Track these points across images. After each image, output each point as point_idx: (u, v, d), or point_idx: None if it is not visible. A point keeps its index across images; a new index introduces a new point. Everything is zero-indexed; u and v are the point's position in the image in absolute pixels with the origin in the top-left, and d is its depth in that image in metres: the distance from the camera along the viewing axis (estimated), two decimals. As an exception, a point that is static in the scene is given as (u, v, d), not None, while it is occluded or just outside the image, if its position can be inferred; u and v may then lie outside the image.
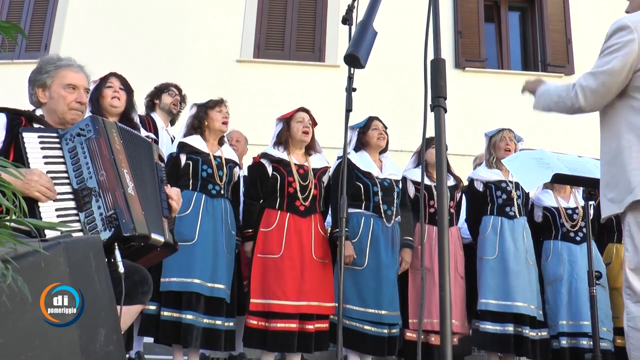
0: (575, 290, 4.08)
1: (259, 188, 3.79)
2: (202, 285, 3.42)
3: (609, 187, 2.35)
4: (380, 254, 3.76)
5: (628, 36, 2.26)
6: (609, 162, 2.36)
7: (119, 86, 3.61)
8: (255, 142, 4.98)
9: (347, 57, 1.80)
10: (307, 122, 3.86)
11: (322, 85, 7.87)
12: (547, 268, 4.26)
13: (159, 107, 4.27)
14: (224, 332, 3.50)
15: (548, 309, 4.17)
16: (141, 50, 7.93)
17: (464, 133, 6.43)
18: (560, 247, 4.25)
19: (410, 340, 3.91)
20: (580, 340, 4.00)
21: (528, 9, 9.32)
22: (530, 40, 9.17)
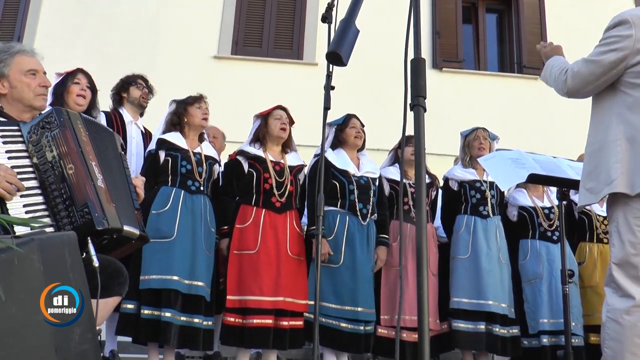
0: (556, 289, 4.12)
1: (234, 185, 3.78)
2: (180, 282, 3.38)
3: (589, 177, 2.39)
4: (356, 252, 3.77)
5: (626, 31, 2.29)
6: (593, 153, 2.39)
7: (86, 84, 3.56)
8: (233, 139, 4.95)
9: (329, 54, 1.80)
10: (284, 119, 3.87)
11: (300, 83, 7.86)
12: (526, 267, 4.30)
13: (128, 100, 4.18)
14: (203, 331, 3.46)
15: (527, 307, 4.21)
16: (117, 45, 7.84)
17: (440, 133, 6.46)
18: (538, 246, 4.29)
19: (382, 336, 3.92)
20: (561, 338, 4.04)
21: (505, 11, 9.42)
22: (507, 42, 9.27)
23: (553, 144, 6.99)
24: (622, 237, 2.30)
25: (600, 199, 2.34)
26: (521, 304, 4.24)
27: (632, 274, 2.27)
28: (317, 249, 2.66)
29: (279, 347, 3.59)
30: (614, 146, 2.29)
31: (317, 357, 2.52)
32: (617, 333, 2.25)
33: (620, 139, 2.28)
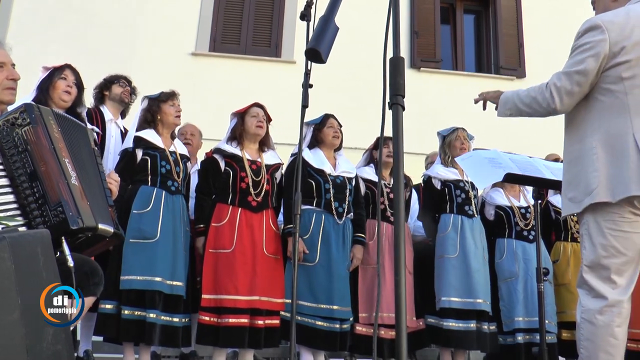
0: (531, 288, 4.19)
1: (210, 183, 3.76)
2: (163, 283, 3.38)
3: (570, 187, 2.41)
4: (332, 250, 3.78)
5: (599, 36, 2.27)
6: (572, 162, 2.41)
7: (73, 80, 3.52)
8: (210, 136, 4.92)
9: (308, 51, 1.79)
10: (261, 116, 3.85)
11: (278, 81, 7.84)
12: (502, 266, 4.35)
13: (109, 98, 4.15)
14: (181, 328, 3.48)
15: (503, 305, 4.27)
16: (94, 40, 7.73)
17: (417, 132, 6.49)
18: (515, 246, 4.35)
19: (360, 334, 3.94)
20: (535, 336, 4.11)
21: (483, 12, 9.50)
22: (484, 43, 9.36)
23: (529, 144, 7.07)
24: (593, 240, 2.33)
25: (581, 209, 2.34)
26: (496, 301, 4.28)
27: (603, 275, 2.31)
28: (294, 247, 2.66)
29: (254, 347, 3.58)
30: (590, 154, 2.30)
31: (294, 356, 2.52)
32: (591, 333, 2.29)
33: (596, 147, 2.29)
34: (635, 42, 2.23)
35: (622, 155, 2.22)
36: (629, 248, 2.28)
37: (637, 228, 2.28)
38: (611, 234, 2.28)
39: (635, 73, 2.23)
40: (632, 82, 2.24)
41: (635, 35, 2.23)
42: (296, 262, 2.63)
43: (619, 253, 2.28)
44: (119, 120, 4.19)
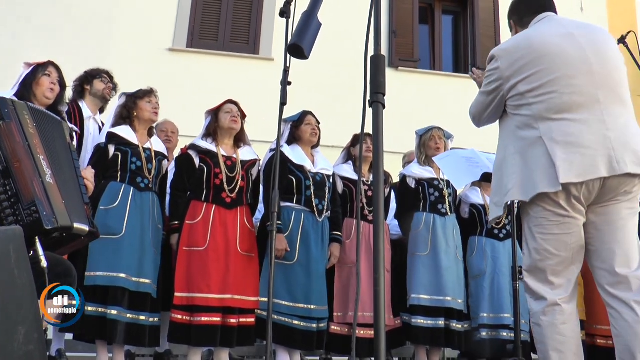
0: (497, 285, 4.25)
1: (185, 180, 3.74)
2: (127, 280, 3.35)
3: (495, 192, 2.58)
4: (311, 249, 3.77)
5: (494, 65, 2.57)
6: (497, 169, 2.58)
7: (57, 78, 3.48)
8: (187, 133, 4.86)
9: (290, 47, 1.78)
10: (235, 112, 3.83)
11: (255, 78, 7.80)
12: (472, 263, 4.41)
13: (90, 93, 4.10)
14: (148, 327, 3.44)
15: (471, 302, 4.33)
16: (69, 34, 7.60)
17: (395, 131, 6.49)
18: (484, 243, 4.39)
19: (335, 333, 3.94)
20: (500, 332, 4.18)
21: (461, 13, 9.56)
22: (462, 44, 9.42)
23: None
24: (529, 245, 2.48)
25: (503, 211, 2.51)
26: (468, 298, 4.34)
27: (541, 277, 2.44)
28: (271, 245, 2.65)
29: (226, 345, 3.57)
30: (510, 160, 2.47)
31: (270, 355, 2.51)
32: (540, 335, 2.41)
33: (514, 154, 2.45)
34: (526, 62, 2.46)
35: (535, 159, 2.37)
36: (561, 249, 2.40)
37: (565, 229, 2.38)
38: (541, 237, 2.41)
39: (534, 86, 2.42)
40: (533, 93, 2.42)
41: (526, 57, 2.46)
42: (273, 260, 2.61)
43: (551, 255, 2.40)
44: (97, 116, 4.14)
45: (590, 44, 2.46)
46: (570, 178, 2.27)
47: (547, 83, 2.40)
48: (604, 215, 2.39)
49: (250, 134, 4.00)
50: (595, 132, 2.33)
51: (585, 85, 2.39)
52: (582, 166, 2.28)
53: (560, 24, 2.55)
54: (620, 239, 2.38)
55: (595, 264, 2.43)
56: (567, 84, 2.38)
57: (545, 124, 2.37)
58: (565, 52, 2.43)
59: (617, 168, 2.28)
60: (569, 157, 2.29)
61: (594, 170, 2.28)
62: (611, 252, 2.37)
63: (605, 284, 2.38)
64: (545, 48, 2.44)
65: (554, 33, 2.50)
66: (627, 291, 2.31)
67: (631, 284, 2.31)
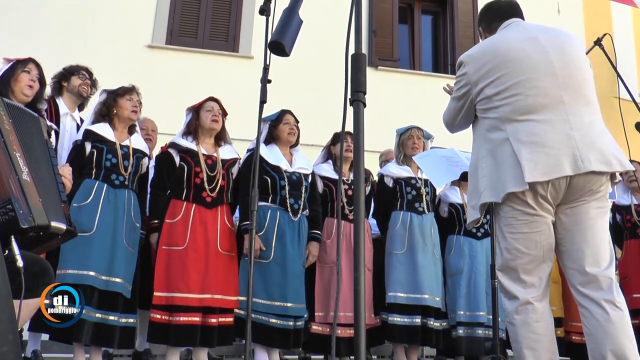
0: (474, 283, 4.29)
1: (165, 178, 3.70)
2: (96, 278, 3.29)
3: (471, 196, 2.62)
4: (286, 247, 3.76)
5: (462, 70, 2.64)
6: (472, 173, 2.63)
7: (36, 75, 3.42)
8: (166, 131, 4.82)
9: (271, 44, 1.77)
10: (216, 111, 3.81)
11: (235, 76, 7.76)
12: (449, 261, 4.44)
13: (67, 89, 4.04)
14: (119, 328, 3.37)
15: (448, 300, 4.36)
16: (46, 29, 7.49)
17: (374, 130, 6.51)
18: (462, 242, 4.42)
19: (316, 333, 3.94)
20: (476, 330, 4.21)
21: (440, 14, 9.61)
22: (441, 44, 9.47)
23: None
24: (500, 245, 2.53)
25: (480, 214, 2.55)
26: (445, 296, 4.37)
27: (513, 276, 2.48)
28: (250, 244, 2.63)
29: (206, 345, 3.54)
30: (481, 163, 2.53)
31: (249, 354, 2.49)
32: (514, 334, 2.45)
33: (485, 156, 2.52)
34: (492, 66, 2.52)
35: (503, 160, 2.42)
36: (531, 248, 2.44)
37: (534, 228, 2.43)
38: (511, 237, 2.46)
39: (500, 89, 2.48)
40: (499, 96, 2.49)
41: (491, 62, 2.53)
42: (252, 259, 2.60)
43: (522, 254, 2.45)
44: (75, 113, 4.08)
45: (554, 47, 2.52)
46: (536, 177, 2.32)
47: (512, 86, 2.46)
48: (573, 215, 2.44)
49: (230, 132, 3.97)
50: (559, 132, 2.38)
51: (549, 87, 2.44)
52: (547, 165, 2.33)
53: (525, 29, 2.62)
54: (589, 239, 2.41)
55: (566, 264, 2.47)
56: (532, 86, 2.44)
57: (511, 125, 2.43)
58: (529, 55, 2.49)
59: (581, 166, 2.33)
60: (534, 156, 2.34)
61: (559, 169, 2.33)
62: (581, 252, 2.41)
63: (576, 283, 2.42)
64: (509, 52, 2.51)
65: (518, 38, 2.57)
66: (598, 290, 2.34)
67: (601, 282, 2.35)
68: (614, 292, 2.34)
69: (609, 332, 2.27)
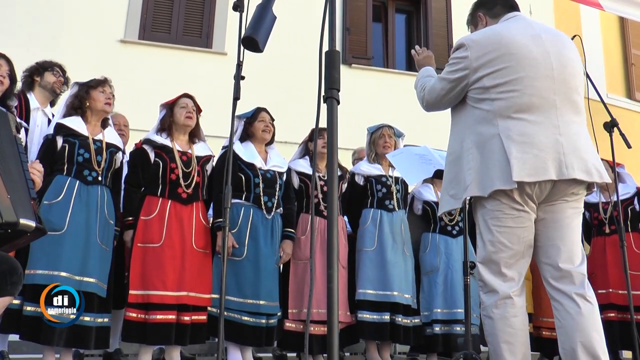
0: (451, 281, 4.32)
1: (140, 175, 3.66)
2: (69, 278, 3.20)
3: (451, 185, 2.60)
4: (259, 245, 3.75)
5: (463, 53, 2.57)
6: (453, 162, 2.61)
7: (7, 71, 3.35)
8: (138, 127, 4.78)
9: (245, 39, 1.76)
10: (190, 107, 3.78)
11: (208, 72, 7.71)
12: (425, 259, 4.47)
13: (39, 84, 3.97)
14: (95, 328, 3.30)
15: (423, 297, 4.38)
16: (15, 21, 7.33)
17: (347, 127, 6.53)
18: (438, 240, 4.46)
19: (290, 330, 3.93)
20: (453, 327, 4.25)
21: (414, 13, 9.66)
22: (415, 43, 9.51)
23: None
24: (483, 238, 2.53)
25: (461, 205, 2.58)
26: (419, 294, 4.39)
27: (494, 270, 2.49)
28: (223, 242, 2.62)
29: (180, 343, 3.51)
30: (467, 154, 2.51)
31: (222, 352, 2.48)
32: (491, 327, 2.47)
33: (471, 147, 2.50)
34: (495, 56, 2.49)
35: (491, 155, 2.43)
36: (514, 242, 2.47)
37: (519, 223, 2.46)
38: (497, 230, 2.48)
39: (498, 82, 2.47)
40: (497, 89, 2.47)
41: (495, 51, 2.50)
42: (225, 256, 2.59)
43: (505, 247, 2.47)
44: (47, 109, 4.01)
45: (555, 49, 2.53)
46: (523, 177, 2.34)
47: (511, 81, 2.45)
48: (551, 213, 2.49)
49: (203, 129, 3.95)
50: (549, 135, 2.41)
51: (544, 89, 2.46)
52: (534, 167, 2.36)
53: (530, 25, 2.61)
54: (564, 237, 2.48)
55: (541, 259, 2.53)
56: (529, 85, 2.45)
57: (504, 121, 2.43)
58: (531, 53, 2.49)
59: (565, 172, 2.38)
60: (523, 156, 2.37)
61: (544, 172, 2.37)
62: (556, 248, 2.47)
63: (549, 277, 2.48)
64: (514, 46, 2.49)
65: (523, 33, 2.55)
66: (570, 284, 2.42)
67: (574, 278, 2.43)
68: (585, 287, 2.42)
69: (580, 325, 2.35)
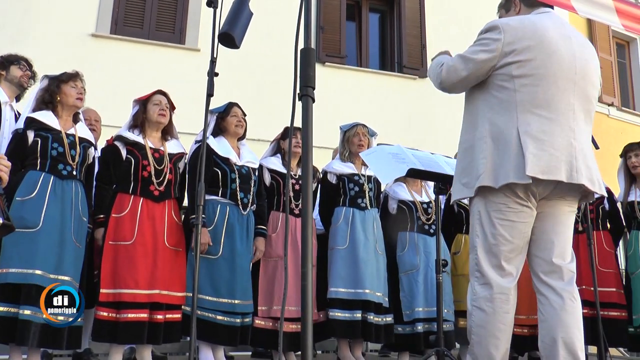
0: (431, 279, 4.33)
1: (111, 172, 3.61)
2: (44, 277, 3.12)
3: (464, 173, 2.57)
4: (235, 243, 3.72)
5: (496, 35, 2.49)
6: (466, 150, 2.58)
7: None
8: (109, 122, 4.71)
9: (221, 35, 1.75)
10: (164, 104, 3.74)
11: (181, 68, 7.65)
12: (404, 258, 4.47)
13: (5, 78, 3.89)
14: (67, 328, 3.21)
15: (403, 296, 4.39)
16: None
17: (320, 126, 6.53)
18: (416, 239, 4.47)
19: (259, 327, 3.92)
20: (434, 325, 4.25)
21: (388, 12, 9.71)
22: (389, 42, 9.57)
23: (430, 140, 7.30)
24: (484, 229, 2.52)
25: (473, 194, 2.52)
26: (397, 293, 4.40)
27: (494, 262, 2.49)
28: (196, 239, 2.60)
29: (152, 342, 3.47)
30: (480, 143, 2.48)
31: (194, 351, 2.46)
32: (481, 320, 2.46)
33: (486, 136, 2.47)
34: (527, 45, 2.46)
35: (506, 147, 2.41)
36: (515, 236, 2.48)
37: (522, 218, 2.48)
38: (499, 223, 2.48)
39: (525, 73, 2.44)
40: (522, 80, 2.44)
41: (528, 40, 2.46)
42: (198, 254, 2.57)
43: (506, 241, 2.47)
44: (14, 103, 3.94)
45: (581, 55, 2.54)
46: (536, 173, 2.35)
47: (537, 75, 2.44)
48: (548, 207, 2.53)
49: (175, 125, 3.91)
50: (564, 137, 2.43)
51: (566, 90, 2.47)
52: (548, 165, 2.37)
53: (563, 25, 2.59)
54: (559, 232, 2.54)
55: (534, 252, 2.56)
56: (553, 83, 2.45)
57: (524, 115, 2.42)
58: (560, 51, 2.48)
59: (574, 176, 2.41)
60: (539, 152, 2.37)
61: (557, 171, 2.38)
62: (550, 242, 2.52)
63: (539, 271, 2.52)
64: (546, 41, 2.47)
65: (556, 30, 2.53)
66: (559, 280, 2.48)
67: (564, 274, 2.49)
68: (573, 285, 2.48)
69: (563, 321, 2.40)
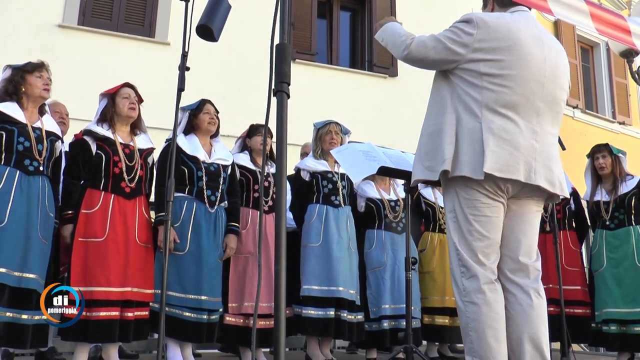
0: (398, 277, 4.39)
1: (81, 167, 3.53)
2: (8, 274, 3.05)
3: (427, 156, 2.59)
4: (202, 239, 3.70)
5: (470, 29, 2.52)
6: (432, 134, 2.60)
7: None
8: (77, 116, 4.63)
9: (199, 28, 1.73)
10: (133, 98, 3.68)
11: (150, 62, 7.56)
12: (371, 256, 4.51)
13: None
14: (32, 327, 3.14)
15: (370, 294, 4.43)
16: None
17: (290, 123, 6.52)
18: (384, 237, 4.51)
19: (230, 324, 3.90)
20: (401, 322, 4.31)
21: (359, 10, 9.74)
22: (359, 40, 9.60)
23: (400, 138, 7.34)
24: (461, 227, 2.55)
25: (437, 177, 2.54)
26: (364, 290, 4.43)
27: (473, 258, 2.53)
28: (165, 236, 2.58)
29: (123, 340, 3.43)
30: (448, 128, 2.51)
31: (162, 348, 2.44)
32: (475, 313, 2.47)
33: (454, 124, 2.51)
34: (499, 46, 2.49)
35: (468, 142, 2.46)
36: (491, 231, 2.53)
37: (496, 213, 2.53)
38: (475, 219, 2.52)
39: (493, 72, 2.48)
40: (490, 79, 2.48)
41: (501, 41, 2.50)
42: (167, 251, 2.55)
43: (483, 237, 2.51)
44: None
45: (551, 58, 2.58)
46: (494, 170, 2.39)
47: (506, 76, 2.47)
48: (516, 206, 2.59)
49: (145, 120, 3.86)
50: (526, 138, 2.48)
51: (533, 93, 2.51)
52: (506, 164, 2.42)
53: (536, 26, 2.62)
54: (526, 231, 2.60)
55: (501, 250, 2.59)
56: (521, 85, 2.48)
57: (489, 114, 2.45)
58: (532, 55, 2.51)
59: (532, 178, 2.47)
60: (499, 150, 2.41)
61: (515, 171, 2.44)
62: (517, 241, 2.57)
63: (506, 269, 2.57)
64: (519, 42, 2.50)
65: (528, 31, 2.56)
66: (525, 278, 2.54)
67: (530, 272, 2.55)
68: (539, 282, 2.55)
69: (529, 317, 2.46)
